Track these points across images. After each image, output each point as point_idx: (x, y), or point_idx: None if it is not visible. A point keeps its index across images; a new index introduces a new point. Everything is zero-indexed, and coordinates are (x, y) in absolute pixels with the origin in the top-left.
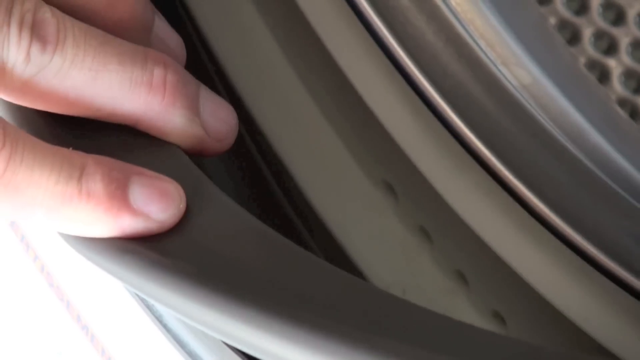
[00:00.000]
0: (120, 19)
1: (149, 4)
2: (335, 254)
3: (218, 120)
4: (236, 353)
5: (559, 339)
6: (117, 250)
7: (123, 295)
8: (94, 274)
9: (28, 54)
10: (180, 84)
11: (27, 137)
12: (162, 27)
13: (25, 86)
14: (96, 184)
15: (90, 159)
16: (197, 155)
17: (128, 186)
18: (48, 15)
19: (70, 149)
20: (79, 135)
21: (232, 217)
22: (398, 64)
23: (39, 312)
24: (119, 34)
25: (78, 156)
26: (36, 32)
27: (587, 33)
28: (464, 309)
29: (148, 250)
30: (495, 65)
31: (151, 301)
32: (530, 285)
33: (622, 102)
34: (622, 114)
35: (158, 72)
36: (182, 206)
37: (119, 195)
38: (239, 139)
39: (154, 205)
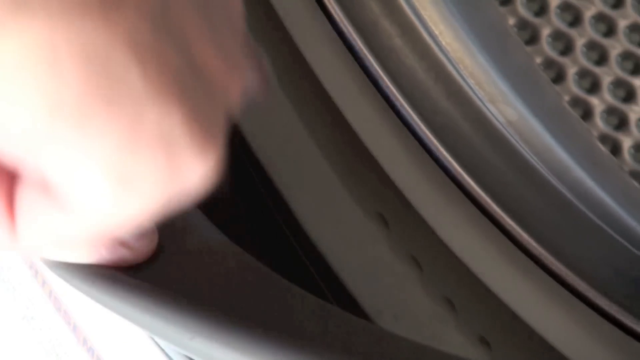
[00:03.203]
0: None
1: None
2: (331, 282)
3: None
4: None
5: None
6: (93, 274)
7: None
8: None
9: None
10: None
11: None
12: None
13: None
14: None
15: None
16: None
17: None
18: None
19: None
20: None
21: (210, 242)
22: (390, 101)
23: (46, 335)
24: None
25: None
26: None
27: (571, 72)
28: (452, 334)
29: (123, 274)
30: (483, 103)
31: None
32: (514, 312)
33: (604, 139)
34: (604, 149)
35: None
36: (155, 238)
37: None
38: (243, 169)
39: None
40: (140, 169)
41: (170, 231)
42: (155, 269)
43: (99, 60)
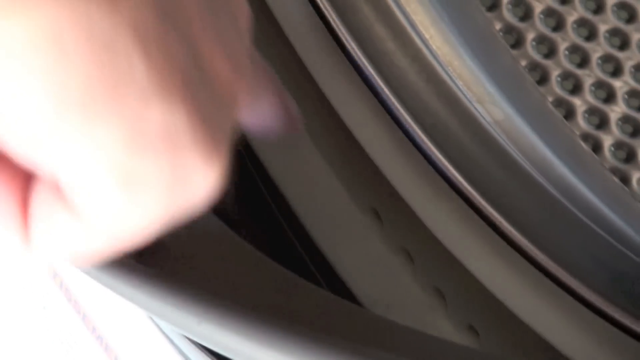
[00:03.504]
0: None
1: None
2: (327, 273)
3: None
4: None
5: (527, 350)
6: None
7: (132, 309)
8: (105, 290)
9: None
10: None
11: None
12: None
13: None
14: None
15: None
16: None
17: None
18: None
19: None
20: None
21: (212, 231)
22: (383, 102)
23: (58, 324)
24: None
25: None
26: None
27: (555, 74)
28: (441, 323)
29: (131, 260)
30: (471, 103)
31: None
32: (500, 301)
33: (585, 137)
34: (586, 148)
35: None
36: None
37: None
38: (245, 170)
39: None
40: (145, 168)
41: None
42: (160, 255)
43: (104, 46)
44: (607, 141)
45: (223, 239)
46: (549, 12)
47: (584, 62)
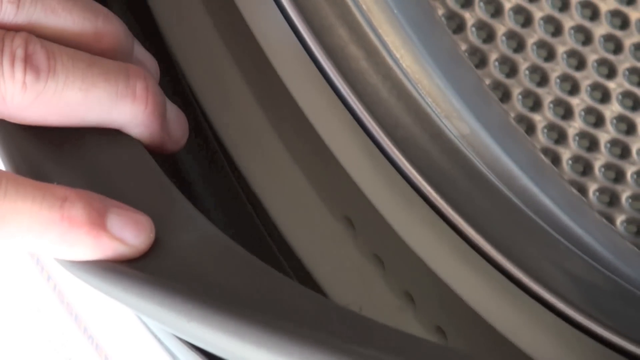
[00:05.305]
0: (106, 48)
1: (129, 33)
2: (304, 277)
3: (177, 127)
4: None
5: (493, 351)
6: (101, 269)
7: (122, 310)
8: (97, 293)
9: (24, 83)
10: (157, 96)
11: (10, 174)
12: (140, 52)
13: (27, 110)
14: (77, 211)
15: (71, 192)
16: (156, 153)
17: (106, 215)
18: (38, 47)
19: (55, 183)
20: (63, 163)
21: (207, 238)
22: (357, 116)
23: (51, 324)
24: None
25: (60, 189)
26: (29, 64)
27: (516, 92)
28: (411, 324)
29: (127, 268)
30: (439, 118)
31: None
32: (467, 304)
33: (545, 151)
34: (546, 161)
35: (140, 85)
36: (152, 235)
37: (98, 222)
38: (228, 181)
39: (128, 231)
40: None
41: (166, 226)
42: (154, 261)
43: None
44: (566, 155)
45: (215, 242)
46: (510, 35)
47: (543, 81)
